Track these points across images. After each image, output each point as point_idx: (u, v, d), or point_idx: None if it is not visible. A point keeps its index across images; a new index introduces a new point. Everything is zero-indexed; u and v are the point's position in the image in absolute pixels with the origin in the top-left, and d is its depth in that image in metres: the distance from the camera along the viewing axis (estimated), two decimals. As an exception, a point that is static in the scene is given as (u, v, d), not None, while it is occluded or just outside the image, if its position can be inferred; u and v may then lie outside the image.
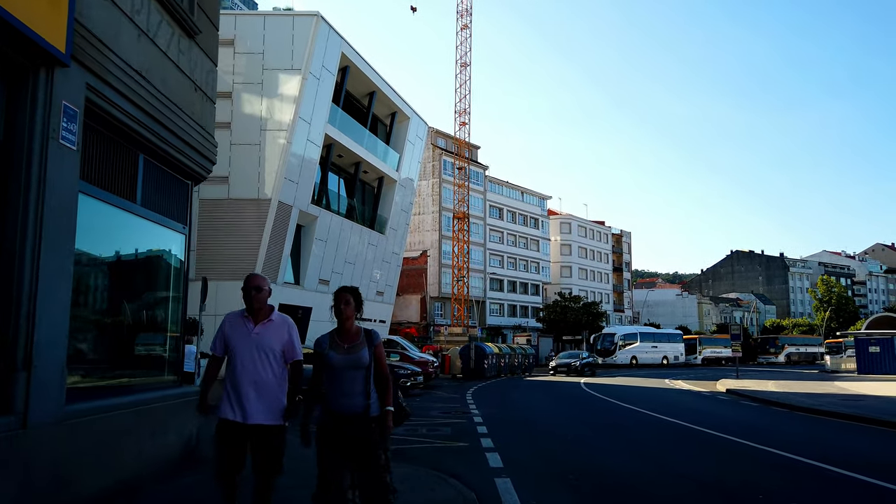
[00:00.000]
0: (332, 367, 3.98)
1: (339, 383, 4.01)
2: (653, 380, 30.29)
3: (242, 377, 4.02)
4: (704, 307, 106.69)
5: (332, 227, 30.63)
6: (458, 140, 55.18)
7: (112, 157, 5.40)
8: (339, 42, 28.71)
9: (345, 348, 4.02)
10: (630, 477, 7.44)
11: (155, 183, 6.10)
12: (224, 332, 4.16)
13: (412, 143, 39.16)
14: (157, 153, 5.92)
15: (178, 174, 6.51)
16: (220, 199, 25.20)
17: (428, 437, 10.21)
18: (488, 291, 64.31)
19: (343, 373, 3.99)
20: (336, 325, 4.15)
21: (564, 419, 13.67)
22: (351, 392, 3.98)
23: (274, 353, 4.12)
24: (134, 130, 5.42)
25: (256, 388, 4.02)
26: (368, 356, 4.02)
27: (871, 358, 34.99)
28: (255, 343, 4.05)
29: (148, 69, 5.51)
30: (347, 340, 4.04)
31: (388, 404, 4.11)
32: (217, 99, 26.49)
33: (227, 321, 4.20)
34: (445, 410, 14.72)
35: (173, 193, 6.50)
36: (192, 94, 6.47)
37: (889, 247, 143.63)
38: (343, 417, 3.98)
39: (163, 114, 5.78)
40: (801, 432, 11.73)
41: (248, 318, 4.13)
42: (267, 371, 4.08)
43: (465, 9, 54.11)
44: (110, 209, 5.36)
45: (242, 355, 4.04)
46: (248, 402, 3.99)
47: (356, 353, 4.00)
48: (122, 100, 5.12)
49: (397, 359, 24.59)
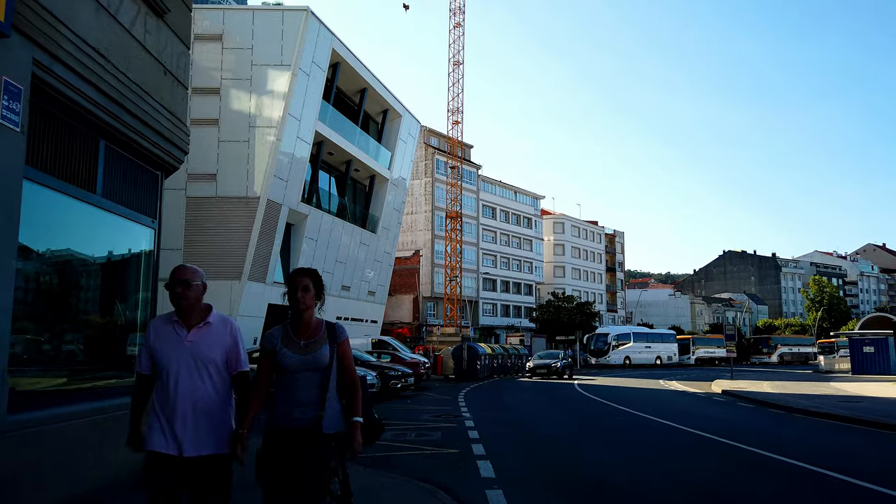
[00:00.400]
0: (284, 370, 3.26)
1: (291, 390, 3.27)
2: (647, 380, 29.96)
3: (176, 397, 3.21)
4: (697, 307, 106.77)
5: (323, 225, 30.17)
6: (451, 139, 54.76)
7: (68, 142, 4.94)
8: (329, 38, 28.25)
9: (301, 346, 3.29)
10: (630, 487, 7.03)
11: (119, 173, 5.65)
12: (149, 343, 3.32)
13: (404, 142, 38.72)
14: (120, 140, 5.46)
15: (146, 164, 6.05)
16: (207, 196, 24.74)
17: (416, 443, 9.78)
18: (481, 291, 63.92)
19: (298, 377, 3.26)
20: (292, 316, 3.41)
21: (559, 424, 13.27)
22: (306, 401, 3.24)
23: (214, 365, 3.30)
24: (92, 114, 4.97)
25: (194, 410, 3.22)
26: (329, 355, 3.30)
27: (866, 358, 34.84)
28: (189, 353, 3.25)
29: (108, 47, 5.05)
30: (305, 336, 3.32)
31: (358, 414, 3.37)
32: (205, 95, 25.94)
33: (152, 329, 3.36)
34: (436, 413, 14.29)
35: (140, 184, 6.04)
36: (160, 78, 6.02)
37: (880, 247, 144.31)
38: (293, 434, 3.21)
39: (126, 97, 5.32)
40: (801, 436, 11.38)
41: (179, 322, 3.32)
42: (206, 387, 3.26)
43: (458, 7, 53.70)
44: (66, 199, 4.90)
45: (174, 370, 3.24)
46: (185, 428, 3.19)
47: (315, 351, 3.29)
48: (78, 79, 4.67)
49: (388, 360, 24.15)
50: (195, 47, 25.64)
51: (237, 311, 23.70)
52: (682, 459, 8.83)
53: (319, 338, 3.34)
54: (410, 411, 14.89)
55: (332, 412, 3.29)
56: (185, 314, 3.32)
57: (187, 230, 24.28)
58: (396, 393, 19.52)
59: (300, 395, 3.26)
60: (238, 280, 23.95)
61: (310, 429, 3.20)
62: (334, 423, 3.29)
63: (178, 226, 23.91)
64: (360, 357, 20.84)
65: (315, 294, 3.36)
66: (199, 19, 25.95)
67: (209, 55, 25.77)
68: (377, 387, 17.52)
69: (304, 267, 3.48)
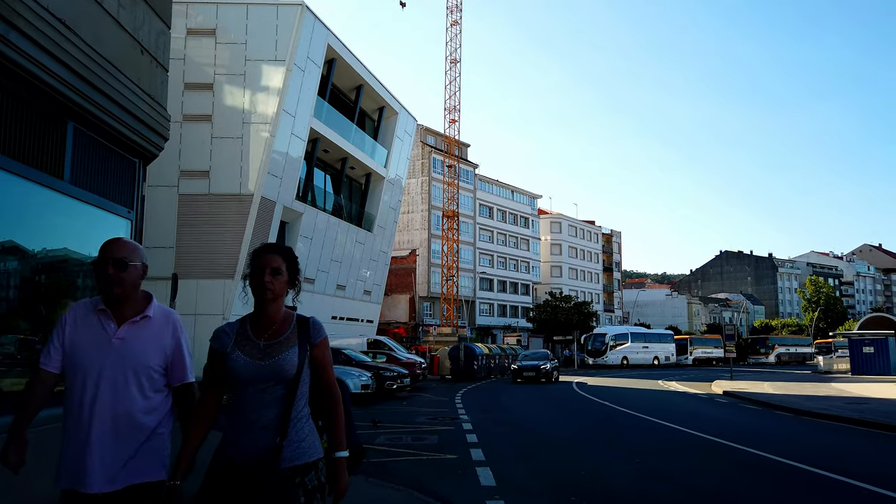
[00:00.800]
0: (236, 380, 2.40)
1: (243, 409, 2.40)
2: (646, 381, 29.59)
3: (93, 413, 2.41)
4: (694, 307, 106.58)
5: (318, 224, 29.74)
6: (448, 138, 54.34)
7: (30, 122, 4.50)
8: (325, 33, 27.83)
9: (261, 348, 2.44)
10: (638, 495, 6.62)
11: (91, 158, 5.21)
12: (64, 334, 2.51)
13: (401, 139, 38.28)
14: (90, 122, 5.03)
15: (122, 150, 5.62)
16: (200, 194, 24.28)
17: (412, 448, 9.35)
18: (478, 291, 63.52)
19: (252, 391, 2.40)
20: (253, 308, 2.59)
21: (560, 426, 12.86)
22: (262, 424, 2.38)
23: (149, 373, 2.51)
24: (57, 91, 4.53)
25: (116, 433, 2.43)
26: (298, 362, 2.43)
27: (866, 358, 34.55)
28: (117, 355, 2.47)
29: (75, 19, 4.62)
30: (267, 334, 2.48)
31: (342, 446, 2.50)
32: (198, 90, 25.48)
33: (70, 317, 2.55)
34: (433, 416, 13.87)
35: (116, 172, 5.60)
36: (136, 57, 5.59)
37: (876, 247, 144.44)
38: (242, 471, 2.35)
39: (97, 75, 4.89)
40: (816, 442, 10.99)
41: (107, 313, 2.52)
42: (136, 402, 2.47)
43: (455, 4, 53.30)
44: (26, 184, 4.47)
45: (94, 376, 2.44)
46: (103, 454, 2.40)
47: (279, 355, 2.43)
48: (39, 51, 4.24)
49: (384, 360, 23.74)
50: (188, 42, 25.20)
51: (230, 311, 23.26)
52: (692, 466, 8.42)
53: (286, 337, 2.48)
54: (406, 413, 14.48)
55: (299, 438, 2.42)
56: (117, 304, 2.52)
57: (180, 228, 23.86)
58: (392, 394, 19.11)
59: (254, 416, 2.38)
60: (231, 279, 23.49)
61: (265, 463, 2.32)
62: (301, 452, 2.41)
63: (171, 223, 23.48)
64: (354, 357, 20.42)
65: (288, 280, 2.54)
66: (193, 14, 25.49)
67: (202, 50, 25.32)
68: (372, 388, 17.10)
69: (274, 243, 2.64)
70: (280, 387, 2.41)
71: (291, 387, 2.42)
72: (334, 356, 19.98)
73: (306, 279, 29.28)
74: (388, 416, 13.65)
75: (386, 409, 15.42)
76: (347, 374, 16.85)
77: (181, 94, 24.54)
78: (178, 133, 24.50)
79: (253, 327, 2.53)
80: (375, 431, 11.08)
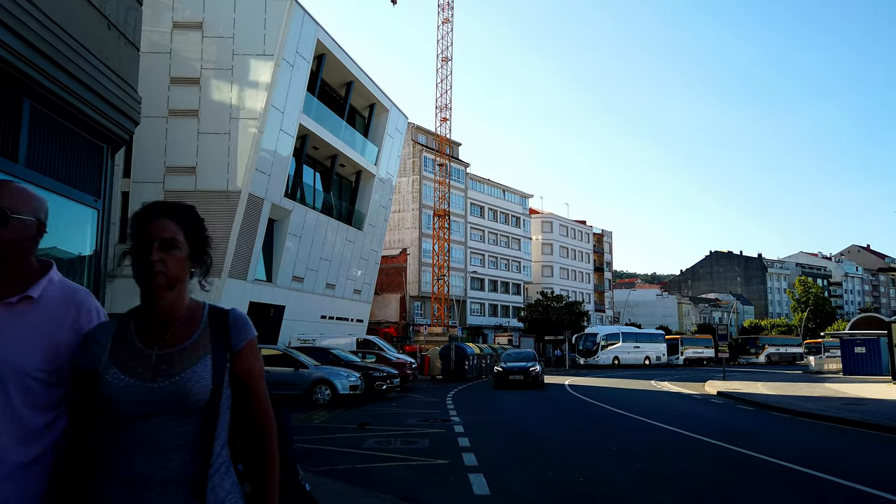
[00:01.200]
0: (114, 412, 1.55)
1: (126, 455, 1.54)
2: (638, 381, 29.33)
3: None
4: (684, 307, 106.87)
5: (307, 222, 29.28)
6: (439, 136, 53.94)
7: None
8: (314, 28, 27.37)
9: (153, 361, 1.60)
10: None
11: (51, 141, 4.79)
12: None
13: (391, 137, 37.86)
14: (49, 101, 4.61)
15: (88, 133, 5.20)
16: (186, 190, 23.76)
17: (401, 453, 8.94)
18: (469, 290, 63.19)
19: (144, 428, 1.55)
20: None
21: (554, 428, 12.50)
22: (159, 478, 1.53)
23: (25, 381, 1.65)
24: (11, 65, 4.12)
25: None
26: (212, 379, 1.60)
27: (857, 358, 34.47)
28: None
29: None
30: (162, 339, 1.64)
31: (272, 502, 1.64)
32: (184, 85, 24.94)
33: None
34: (423, 417, 13.47)
35: (81, 158, 5.18)
36: (103, 33, 5.18)
37: (865, 248, 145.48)
38: None
39: (57, 49, 4.48)
40: (818, 445, 10.69)
41: None
42: (4, 424, 1.62)
43: (447, 2, 52.91)
44: (-26, 167, 4.06)
45: None
46: None
47: (183, 370, 1.59)
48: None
49: (373, 360, 23.31)
50: (174, 36, 24.68)
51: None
52: (697, 472, 8.08)
53: (192, 343, 1.64)
54: (396, 415, 14.07)
55: (218, 501, 1.57)
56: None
57: (164, 225, 23.32)
58: (381, 395, 18.70)
59: (145, 469, 1.53)
60: (218, 277, 22.98)
61: None
62: None
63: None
64: (343, 357, 19.97)
65: (189, 256, 1.66)
66: (180, 7, 24.99)
67: (189, 44, 24.81)
68: (361, 388, 16.67)
69: (163, 201, 1.68)
70: (187, 420, 1.56)
71: (207, 420, 1.58)
72: (322, 356, 19.50)
73: (295, 278, 28.81)
74: (377, 417, 13.25)
75: (375, 410, 15.02)
76: (336, 375, 16.42)
77: (167, 88, 24.02)
78: (164, 128, 23.98)
79: (140, 330, 1.65)
80: (363, 435, 10.68)
